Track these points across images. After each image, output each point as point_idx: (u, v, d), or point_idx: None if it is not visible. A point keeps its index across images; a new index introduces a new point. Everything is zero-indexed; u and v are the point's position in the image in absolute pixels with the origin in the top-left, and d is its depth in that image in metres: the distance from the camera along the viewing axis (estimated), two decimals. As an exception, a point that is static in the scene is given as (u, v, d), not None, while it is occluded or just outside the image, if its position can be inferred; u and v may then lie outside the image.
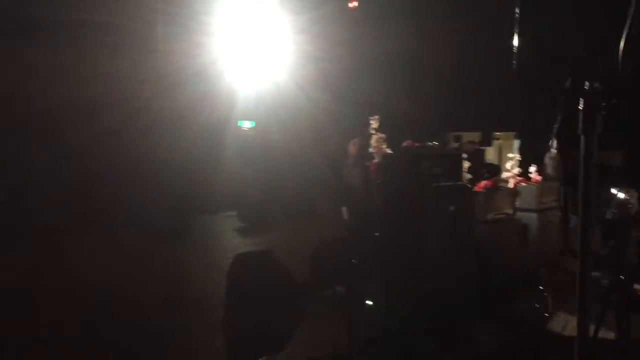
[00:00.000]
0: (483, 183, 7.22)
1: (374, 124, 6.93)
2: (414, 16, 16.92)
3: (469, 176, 6.84)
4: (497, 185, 7.48)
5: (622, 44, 1.66)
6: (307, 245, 8.30)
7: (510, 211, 7.61)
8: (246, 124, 16.53)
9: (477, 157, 11.80)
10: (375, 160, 6.79)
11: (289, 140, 15.44)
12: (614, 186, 3.38)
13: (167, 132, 13.11)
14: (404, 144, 6.28)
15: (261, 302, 6.52)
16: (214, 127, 14.64)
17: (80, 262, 9.16)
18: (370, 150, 6.87)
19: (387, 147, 6.84)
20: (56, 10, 11.34)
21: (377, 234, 6.31)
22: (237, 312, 6.65)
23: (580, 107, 1.85)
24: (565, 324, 5.79)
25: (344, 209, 7.22)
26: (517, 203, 7.89)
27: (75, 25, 11.88)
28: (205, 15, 14.20)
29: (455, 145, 13.23)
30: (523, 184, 8.15)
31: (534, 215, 7.92)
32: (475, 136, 16.16)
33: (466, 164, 6.73)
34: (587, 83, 1.84)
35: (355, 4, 17.42)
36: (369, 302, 6.34)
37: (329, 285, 7.63)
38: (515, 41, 1.98)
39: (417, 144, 6.24)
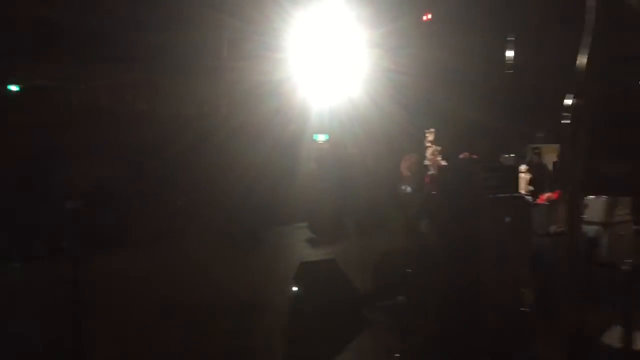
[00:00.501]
0: (546, 195, 7.13)
1: (430, 136, 7.00)
2: (489, 25, 16.65)
3: (530, 188, 6.79)
4: (561, 197, 7.33)
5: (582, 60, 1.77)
6: (374, 257, 8.43)
7: (575, 224, 7.42)
8: (321, 137, 16.77)
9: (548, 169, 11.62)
10: (431, 172, 6.87)
11: (363, 153, 15.53)
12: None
13: (243, 146, 13.53)
14: (460, 156, 6.33)
15: (322, 308, 6.74)
16: (288, 140, 14.96)
17: (157, 269, 9.64)
18: (426, 162, 6.95)
19: (442, 160, 6.90)
20: (149, 35, 12.08)
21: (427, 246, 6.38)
22: (299, 318, 6.89)
23: (566, 121, 1.97)
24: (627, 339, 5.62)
25: (424, 222, 7.28)
26: (585, 216, 7.68)
27: (161, 46, 12.57)
28: (282, 32, 14.57)
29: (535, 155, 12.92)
30: (591, 196, 7.91)
31: (602, 229, 7.69)
32: (554, 149, 15.71)
33: (527, 176, 6.68)
34: (573, 99, 1.97)
35: (429, 16, 17.33)
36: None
37: (391, 296, 7.74)
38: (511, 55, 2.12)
39: (474, 156, 6.27)
